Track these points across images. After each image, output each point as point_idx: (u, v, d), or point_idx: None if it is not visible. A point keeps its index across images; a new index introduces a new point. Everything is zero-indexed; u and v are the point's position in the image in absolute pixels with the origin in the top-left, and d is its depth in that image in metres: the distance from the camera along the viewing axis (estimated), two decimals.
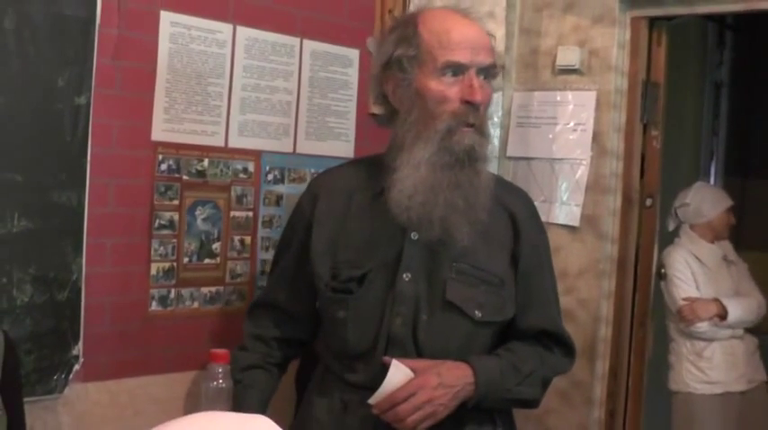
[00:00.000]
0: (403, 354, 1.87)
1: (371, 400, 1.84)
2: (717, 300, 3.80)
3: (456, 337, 1.90)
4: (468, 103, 1.86)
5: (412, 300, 1.89)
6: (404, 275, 1.89)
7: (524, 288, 1.96)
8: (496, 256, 1.93)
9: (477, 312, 1.89)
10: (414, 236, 1.89)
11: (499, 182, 2.07)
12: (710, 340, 3.82)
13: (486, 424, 1.95)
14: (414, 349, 1.89)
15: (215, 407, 1.91)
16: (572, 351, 2.05)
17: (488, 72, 1.90)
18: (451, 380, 1.84)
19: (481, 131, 1.90)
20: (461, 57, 1.86)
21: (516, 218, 1.96)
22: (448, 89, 1.87)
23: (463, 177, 1.87)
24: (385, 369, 1.83)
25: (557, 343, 2.01)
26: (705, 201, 4.01)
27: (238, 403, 2.02)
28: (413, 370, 1.84)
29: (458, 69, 1.86)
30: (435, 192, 1.85)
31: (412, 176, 1.86)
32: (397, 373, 1.83)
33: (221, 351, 1.95)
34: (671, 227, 4.08)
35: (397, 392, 1.82)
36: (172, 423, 0.96)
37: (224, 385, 1.94)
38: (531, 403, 2.01)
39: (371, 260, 1.92)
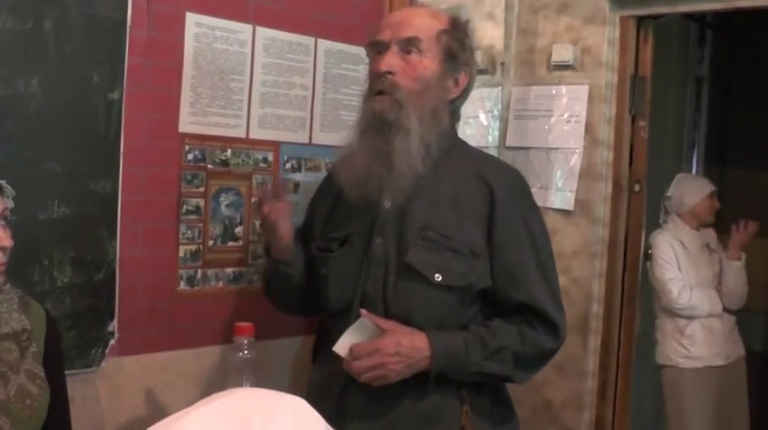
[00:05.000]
0: (375, 314, 1.88)
1: (334, 348, 1.88)
2: None
3: (418, 300, 1.86)
4: (381, 74, 1.89)
5: (382, 263, 1.90)
6: (376, 239, 1.91)
7: (500, 261, 1.88)
8: (468, 227, 1.88)
9: (436, 275, 1.84)
10: (387, 203, 1.91)
11: (483, 158, 2.06)
12: (690, 318, 3.86)
13: (451, 398, 1.88)
14: (383, 309, 1.88)
15: (241, 376, 1.92)
16: (557, 328, 1.92)
17: (407, 44, 1.89)
18: (408, 350, 1.82)
19: (393, 98, 1.87)
20: (380, 35, 1.92)
21: (494, 192, 1.89)
22: (373, 65, 1.94)
23: (379, 143, 1.87)
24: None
25: (539, 319, 1.89)
26: (685, 191, 4.02)
27: None
28: (381, 328, 1.85)
29: (379, 47, 1.92)
30: (357, 157, 1.91)
31: (349, 145, 1.96)
32: (362, 327, 1.85)
33: (246, 324, 1.96)
34: (661, 219, 4.09)
35: (357, 347, 1.84)
36: (208, 399, 0.96)
37: (249, 356, 1.95)
38: (507, 379, 1.92)
39: (354, 225, 1.95)
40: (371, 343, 1.83)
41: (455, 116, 2.02)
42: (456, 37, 1.93)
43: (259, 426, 0.91)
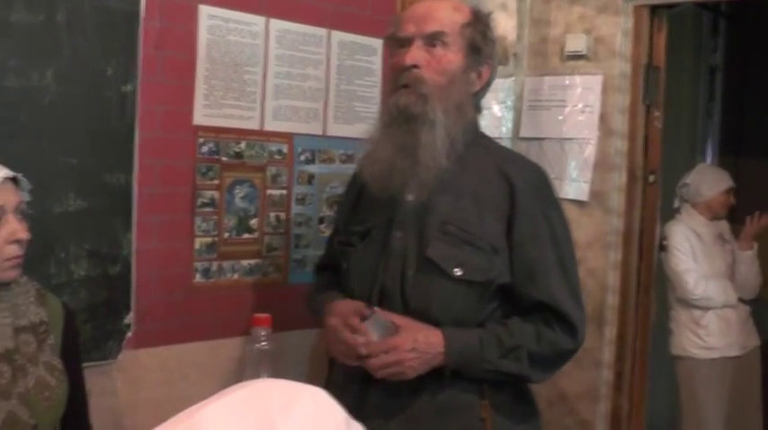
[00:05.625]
0: (393, 308, 1.86)
1: None
2: None
3: (437, 295, 1.84)
4: (406, 68, 1.86)
5: (400, 256, 1.87)
6: (396, 233, 1.89)
7: (520, 258, 1.85)
8: (489, 223, 1.85)
9: (456, 270, 1.82)
10: (409, 197, 1.88)
11: (504, 153, 2.04)
12: (706, 309, 3.84)
13: (471, 393, 1.85)
14: (401, 303, 1.86)
15: (258, 367, 1.92)
16: (575, 329, 1.86)
17: (431, 39, 1.86)
18: (424, 346, 1.80)
19: (418, 92, 1.84)
20: (403, 31, 1.89)
21: (515, 188, 1.86)
22: (396, 59, 1.91)
23: (404, 137, 1.84)
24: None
25: (557, 318, 1.85)
26: (704, 182, 4.00)
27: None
28: (395, 325, 1.83)
29: (402, 42, 1.89)
30: (381, 151, 1.87)
31: (372, 139, 1.92)
32: (376, 323, 1.83)
33: (264, 315, 1.95)
34: (676, 204, 4.07)
35: (374, 345, 1.82)
36: (227, 391, 0.94)
37: (267, 347, 1.95)
38: (523, 378, 1.88)
39: (375, 218, 1.93)
40: (388, 341, 1.82)
41: (477, 109, 2.00)
42: (479, 30, 1.91)
43: (279, 417, 0.90)
